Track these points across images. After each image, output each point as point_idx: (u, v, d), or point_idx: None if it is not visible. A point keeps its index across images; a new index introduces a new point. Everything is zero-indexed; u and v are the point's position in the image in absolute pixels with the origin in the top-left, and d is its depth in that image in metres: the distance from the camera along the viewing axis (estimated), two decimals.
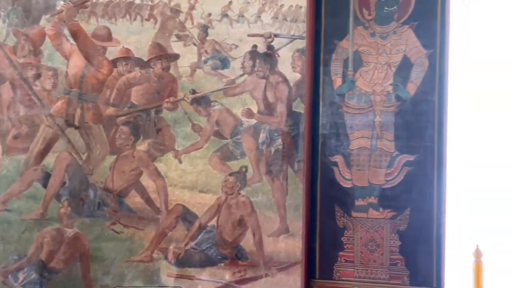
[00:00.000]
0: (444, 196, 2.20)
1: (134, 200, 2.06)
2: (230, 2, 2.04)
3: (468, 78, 2.96)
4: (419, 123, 2.24)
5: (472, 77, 2.98)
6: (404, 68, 2.26)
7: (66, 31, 2.03)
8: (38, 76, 2.09)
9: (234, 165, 2.06)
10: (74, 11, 2.01)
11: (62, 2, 2.01)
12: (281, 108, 2.02)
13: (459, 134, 2.77)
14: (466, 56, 3.00)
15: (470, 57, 2.99)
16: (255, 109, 2.04)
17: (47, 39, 2.08)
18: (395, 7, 2.27)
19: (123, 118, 2.03)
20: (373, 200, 2.21)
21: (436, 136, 2.23)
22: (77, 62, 2.02)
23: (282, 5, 2.04)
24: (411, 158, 2.23)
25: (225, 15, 2.04)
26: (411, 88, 2.26)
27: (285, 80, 2.04)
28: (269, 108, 2.03)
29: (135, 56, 2.02)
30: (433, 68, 2.25)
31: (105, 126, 2.03)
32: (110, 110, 2.03)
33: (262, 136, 2.02)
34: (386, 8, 2.27)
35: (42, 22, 2.09)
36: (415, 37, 2.26)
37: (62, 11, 2.01)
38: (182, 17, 2.03)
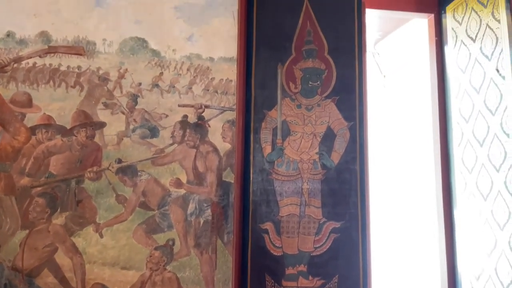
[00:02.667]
0: (369, 262, 2.24)
1: (47, 280, 1.82)
2: (161, 73, 2.02)
3: (385, 148, 3.17)
4: (344, 191, 2.32)
5: (389, 146, 3.19)
6: (328, 138, 2.37)
7: None
8: None
9: (161, 238, 1.94)
10: None
11: None
12: (211, 178, 1.97)
13: (380, 200, 2.91)
14: (384, 128, 3.23)
15: (386, 129, 3.22)
16: (184, 179, 1.97)
17: None
18: (318, 82, 2.41)
19: (39, 189, 1.83)
20: (302, 268, 2.19)
21: (359, 204, 2.30)
22: None
23: (213, 78, 2.06)
24: (338, 225, 2.27)
25: (156, 85, 2.01)
26: (335, 157, 2.36)
27: (216, 149, 2.02)
28: (198, 178, 1.97)
29: (57, 123, 1.89)
30: (354, 139, 2.38)
31: (18, 198, 1.82)
32: (24, 181, 1.84)
33: (191, 207, 1.94)
34: (310, 83, 2.40)
35: None
36: (337, 110, 2.40)
37: None
38: (110, 85, 1.96)
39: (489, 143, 2.19)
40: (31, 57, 1.90)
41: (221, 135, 2.06)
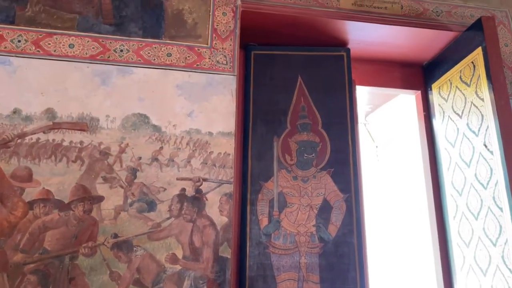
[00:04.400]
0: None
1: None
2: (161, 148, 2.09)
3: (382, 220, 3.19)
4: (342, 265, 2.30)
5: (385, 218, 3.21)
6: (325, 210, 2.40)
7: None
8: None
9: None
10: None
11: None
12: (207, 253, 1.96)
13: (379, 274, 2.86)
14: (378, 200, 3.27)
15: (382, 200, 3.26)
16: (180, 254, 1.95)
17: None
18: (313, 155, 2.49)
19: (32, 265, 1.80)
20: None
21: (358, 279, 2.26)
22: None
23: (211, 152, 2.13)
24: None
25: (155, 159, 2.07)
26: (332, 230, 2.36)
27: (213, 223, 2.03)
28: (195, 253, 1.95)
29: (56, 198, 1.91)
30: (350, 211, 2.41)
31: (10, 275, 1.78)
32: (18, 257, 1.81)
33: (186, 284, 1.91)
34: (305, 155, 2.48)
35: None
36: (332, 182, 2.45)
37: None
38: (111, 159, 2.02)
39: (484, 216, 2.23)
40: (35, 133, 1.97)
41: (218, 208, 2.09)
